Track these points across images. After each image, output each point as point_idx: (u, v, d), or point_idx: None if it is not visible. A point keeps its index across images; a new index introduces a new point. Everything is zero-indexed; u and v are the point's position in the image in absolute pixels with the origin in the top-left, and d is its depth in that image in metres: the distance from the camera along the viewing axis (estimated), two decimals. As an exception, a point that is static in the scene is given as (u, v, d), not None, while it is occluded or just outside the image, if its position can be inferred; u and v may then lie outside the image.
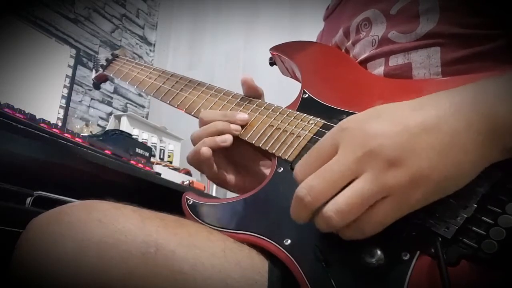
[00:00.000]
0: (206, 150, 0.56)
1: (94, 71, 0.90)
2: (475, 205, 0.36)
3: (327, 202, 0.37)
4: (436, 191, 0.35)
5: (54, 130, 0.91)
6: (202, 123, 0.60)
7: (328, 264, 0.40)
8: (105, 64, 0.86)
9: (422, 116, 0.36)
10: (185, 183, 1.44)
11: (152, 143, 1.73)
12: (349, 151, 0.37)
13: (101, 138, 1.32)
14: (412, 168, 0.35)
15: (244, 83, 0.63)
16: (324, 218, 0.36)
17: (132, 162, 1.13)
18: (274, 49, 0.69)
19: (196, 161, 0.58)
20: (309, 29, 0.92)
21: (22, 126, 0.80)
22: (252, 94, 0.63)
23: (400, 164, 0.35)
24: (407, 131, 0.36)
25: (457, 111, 0.36)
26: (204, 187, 1.52)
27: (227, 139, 0.57)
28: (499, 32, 0.50)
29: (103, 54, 0.89)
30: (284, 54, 0.67)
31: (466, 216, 0.36)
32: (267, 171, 0.66)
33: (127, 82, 0.77)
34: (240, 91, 0.65)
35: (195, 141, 0.59)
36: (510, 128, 0.35)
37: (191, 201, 0.54)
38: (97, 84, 0.93)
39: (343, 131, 0.38)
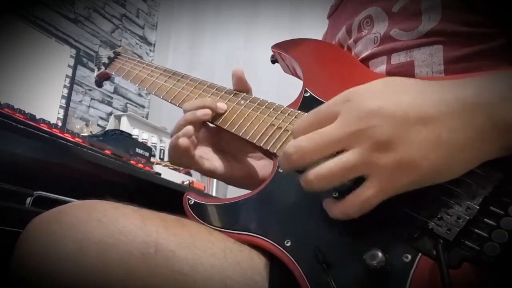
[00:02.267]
0: (182, 141, 0.57)
1: (96, 69, 0.90)
2: (478, 207, 0.36)
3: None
4: (423, 180, 0.36)
5: (54, 130, 0.91)
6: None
7: (328, 266, 0.40)
8: (107, 62, 0.85)
9: (425, 104, 0.37)
10: (185, 183, 1.44)
11: (152, 143, 1.73)
12: (345, 123, 0.38)
13: (101, 138, 1.32)
14: (401, 154, 0.35)
15: (234, 74, 0.64)
16: (306, 180, 0.39)
17: (132, 162, 1.13)
18: (276, 46, 0.69)
19: (176, 153, 0.59)
20: (309, 29, 0.93)
21: (22, 126, 0.80)
22: (240, 87, 0.64)
23: (389, 147, 0.36)
24: (405, 117, 0.36)
25: (459, 105, 0.36)
26: (204, 187, 1.52)
27: (207, 112, 0.59)
28: (501, 30, 0.50)
29: (105, 52, 0.89)
30: (286, 52, 0.67)
31: (468, 218, 0.36)
32: (255, 161, 0.67)
33: (129, 80, 0.77)
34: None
35: (176, 129, 0.60)
36: (510, 126, 0.35)
37: (193, 201, 0.54)
38: (99, 82, 0.93)
39: (346, 102, 0.39)
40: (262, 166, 0.68)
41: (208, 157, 0.62)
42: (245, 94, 0.64)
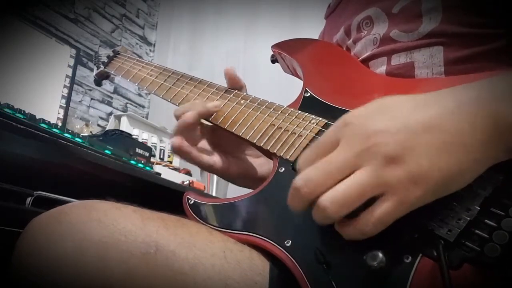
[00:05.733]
0: (188, 116, 0.59)
1: (95, 67, 0.90)
2: (478, 208, 0.36)
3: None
4: (437, 189, 0.35)
5: (54, 130, 0.91)
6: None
7: (329, 266, 0.40)
8: (106, 61, 0.85)
9: (425, 114, 0.36)
10: (185, 183, 1.43)
11: (152, 143, 1.73)
12: (349, 146, 0.37)
13: (101, 138, 1.32)
14: (412, 165, 0.34)
15: (226, 73, 0.65)
16: (320, 208, 0.36)
17: (132, 162, 1.13)
18: (276, 46, 0.69)
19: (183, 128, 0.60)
20: (309, 29, 0.92)
21: (22, 126, 0.80)
22: (234, 84, 0.65)
23: (398, 161, 0.35)
24: (408, 129, 0.35)
25: (461, 109, 0.35)
26: (204, 187, 1.52)
27: (218, 104, 0.61)
28: (502, 31, 0.50)
29: (105, 52, 0.89)
30: (286, 52, 0.67)
31: (469, 219, 0.36)
32: (252, 158, 0.68)
33: (128, 80, 0.77)
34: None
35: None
36: None
37: (192, 201, 0.54)
38: (98, 81, 0.93)
39: (345, 126, 0.38)
40: (260, 164, 0.68)
41: (208, 152, 0.63)
42: (245, 93, 0.64)
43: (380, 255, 0.36)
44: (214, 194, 1.57)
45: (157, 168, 1.42)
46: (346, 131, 0.38)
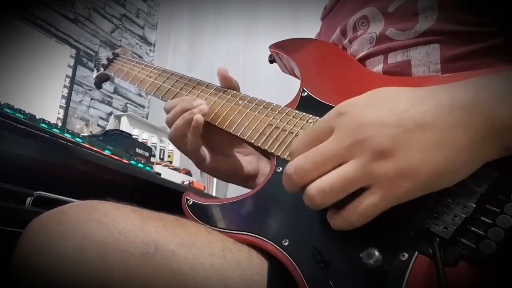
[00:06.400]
0: (200, 117, 0.59)
1: (95, 70, 0.91)
2: (474, 205, 0.36)
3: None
4: (425, 186, 0.36)
5: (54, 130, 0.91)
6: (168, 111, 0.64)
7: (326, 265, 0.40)
8: (106, 63, 0.86)
9: (420, 111, 0.36)
10: (185, 183, 1.43)
11: (152, 143, 1.73)
12: (341, 137, 0.38)
13: (101, 138, 1.32)
14: (402, 161, 0.35)
15: (218, 73, 0.66)
16: (308, 196, 0.38)
17: (132, 162, 1.13)
18: (273, 46, 0.69)
19: (181, 132, 0.61)
20: (309, 29, 0.92)
21: (22, 126, 0.80)
22: (227, 84, 0.66)
23: (388, 156, 0.35)
24: (402, 125, 0.36)
25: (456, 108, 0.36)
26: (204, 187, 1.52)
27: (203, 108, 0.61)
28: (498, 29, 0.50)
29: (104, 53, 0.89)
30: (283, 52, 0.67)
31: (464, 216, 0.36)
32: (241, 156, 0.69)
33: (127, 82, 0.77)
34: (242, 91, 0.66)
35: (170, 122, 0.63)
36: (509, 127, 0.34)
37: (191, 202, 0.55)
38: (98, 83, 0.94)
39: (340, 116, 0.39)
40: (248, 162, 0.69)
41: (199, 147, 0.64)
42: (243, 94, 0.64)
43: (376, 253, 0.36)
44: (214, 194, 1.57)
45: (157, 168, 1.42)
46: (340, 121, 0.39)
